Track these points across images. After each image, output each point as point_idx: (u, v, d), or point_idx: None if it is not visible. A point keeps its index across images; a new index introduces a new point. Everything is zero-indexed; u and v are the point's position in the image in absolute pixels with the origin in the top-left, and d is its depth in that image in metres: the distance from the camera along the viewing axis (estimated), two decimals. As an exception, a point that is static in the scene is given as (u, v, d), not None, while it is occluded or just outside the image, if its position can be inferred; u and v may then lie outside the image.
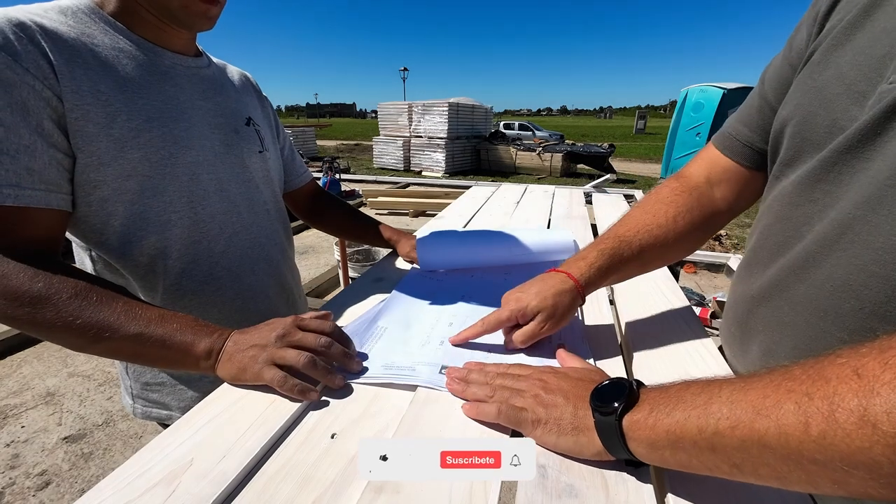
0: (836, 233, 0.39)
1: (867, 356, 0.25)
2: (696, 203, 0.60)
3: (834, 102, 0.41)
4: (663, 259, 0.63)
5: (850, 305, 0.38)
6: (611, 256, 0.57)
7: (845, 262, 0.38)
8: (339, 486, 0.36)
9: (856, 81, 0.40)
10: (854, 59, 0.40)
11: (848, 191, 0.39)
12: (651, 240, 0.58)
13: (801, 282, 0.43)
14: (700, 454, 0.31)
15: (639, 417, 0.34)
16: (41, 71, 0.49)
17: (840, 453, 0.24)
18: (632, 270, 0.61)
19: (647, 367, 0.53)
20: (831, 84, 0.42)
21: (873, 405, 0.23)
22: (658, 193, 0.62)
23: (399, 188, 7.76)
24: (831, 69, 0.42)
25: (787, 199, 0.46)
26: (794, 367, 0.28)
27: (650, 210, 0.60)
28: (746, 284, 0.52)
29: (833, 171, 0.40)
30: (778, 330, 0.46)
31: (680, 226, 0.58)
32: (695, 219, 0.59)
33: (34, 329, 0.48)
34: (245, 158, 0.71)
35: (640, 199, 0.65)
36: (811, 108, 0.44)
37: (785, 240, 0.46)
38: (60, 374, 2.33)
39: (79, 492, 1.62)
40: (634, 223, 0.59)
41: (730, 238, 4.98)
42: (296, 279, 0.88)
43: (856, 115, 0.39)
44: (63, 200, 0.53)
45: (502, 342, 0.57)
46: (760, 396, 0.28)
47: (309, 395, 0.46)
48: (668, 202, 0.60)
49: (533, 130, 19.01)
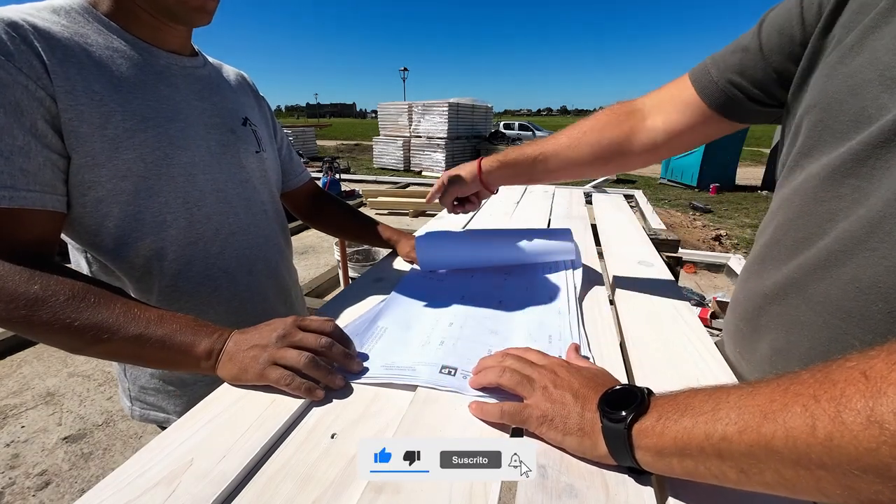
0: (865, 231, 0.37)
1: (875, 358, 0.25)
2: (615, 122, 0.64)
3: (864, 88, 0.38)
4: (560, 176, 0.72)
5: (877, 308, 0.36)
6: (504, 164, 0.73)
7: (874, 263, 0.36)
8: (339, 486, 0.36)
9: (890, 67, 0.36)
10: (891, 44, 0.37)
11: (879, 187, 0.36)
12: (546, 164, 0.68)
13: (822, 280, 0.41)
14: (707, 461, 0.30)
15: (647, 425, 0.34)
16: (34, 71, 0.48)
17: (847, 456, 0.23)
18: (527, 180, 0.76)
19: (647, 366, 0.53)
20: (863, 69, 0.38)
21: (880, 405, 0.22)
22: (598, 121, 0.67)
23: (399, 188, 7.76)
24: (865, 53, 0.39)
25: (809, 193, 0.44)
26: (802, 371, 0.28)
27: (572, 137, 0.67)
28: (759, 280, 0.50)
29: (866, 166, 0.38)
30: (793, 329, 0.44)
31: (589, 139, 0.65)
32: (603, 138, 0.64)
33: (31, 332, 0.47)
34: (242, 159, 0.71)
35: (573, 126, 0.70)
36: (838, 95, 0.40)
37: (807, 236, 0.44)
38: (60, 374, 2.33)
39: (79, 492, 1.62)
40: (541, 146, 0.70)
41: (730, 238, 4.98)
42: (294, 280, 0.88)
43: (886, 102, 0.36)
44: (58, 202, 0.52)
45: (505, 346, 0.57)
46: (768, 400, 0.28)
47: (315, 394, 0.46)
48: (594, 118, 0.67)
49: (533, 131, 19.00)
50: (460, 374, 0.50)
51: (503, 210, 1.36)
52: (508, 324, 0.63)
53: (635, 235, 1.11)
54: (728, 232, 5.20)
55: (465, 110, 10.79)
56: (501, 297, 0.70)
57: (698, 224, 5.70)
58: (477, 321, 0.63)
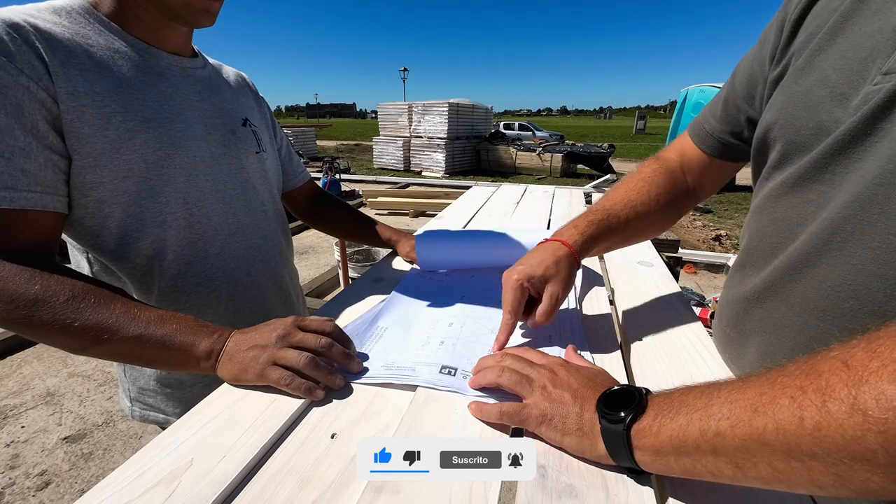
0: (828, 233, 0.39)
1: (856, 347, 0.25)
2: (672, 184, 0.66)
3: (818, 106, 0.42)
4: (644, 233, 0.69)
5: (849, 305, 0.38)
6: (599, 226, 0.61)
7: (842, 262, 0.38)
8: (339, 486, 0.36)
9: (838, 84, 0.40)
10: (836, 63, 0.41)
11: (840, 191, 0.39)
12: (634, 214, 0.63)
13: (797, 282, 0.43)
14: (703, 458, 0.30)
15: (644, 425, 0.34)
16: (35, 72, 0.48)
17: (836, 444, 0.24)
18: (617, 241, 0.65)
19: (647, 366, 0.53)
20: (815, 88, 0.42)
21: (862, 393, 0.23)
22: (640, 173, 0.67)
23: (399, 188, 7.76)
24: (815, 74, 0.43)
25: (781, 200, 0.46)
26: (789, 364, 0.29)
27: (634, 188, 0.65)
28: (740, 286, 0.52)
29: (827, 172, 0.40)
30: (775, 331, 0.46)
31: (661, 204, 0.64)
32: (670, 199, 0.65)
33: (32, 332, 0.47)
34: (242, 159, 0.71)
35: (624, 178, 0.70)
36: (795, 112, 0.44)
37: (779, 241, 0.46)
38: (60, 374, 2.33)
39: (79, 492, 1.62)
40: (620, 198, 0.64)
41: (730, 238, 4.98)
42: (294, 280, 0.88)
43: (839, 116, 0.39)
44: (59, 202, 0.52)
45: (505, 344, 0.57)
46: (757, 394, 0.28)
47: (315, 394, 0.46)
48: (650, 181, 0.65)
49: (533, 131, 19.01)
50: (460, 374, 0.50)
51: (503, 210, 1.36)
52: (508, 324, 0.63)
53: (635, 235, 1.10)
54: (728, 232, 5.20)
55: (465, 110, 10.79)
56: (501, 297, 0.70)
57: (698, 224, 5.70)
58: (477, 321, 0.63)
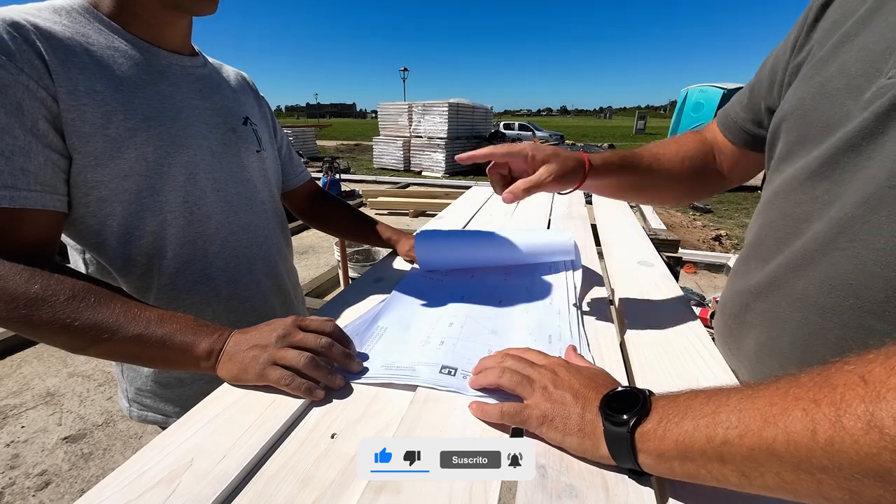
0: (835, 231, 0.39)
1: (873, 362, 0.25)
2: (704, 157, 0.66)
3: (833, 97, 0.41)
4: (664, 191, 0.69)
5: (849, 304, 0.38)
6: (620, 158, 0.62)
7: (845, 261, 0.38)
8: (339, 486, 0.36)
9: (856, 76, 0.39)
10: (858, 55, 0.40)
11: (848, 190, 0.38)
12: (658, 166, 0.64)
13: (800, 278, 0.43)
14: (708, 464, 0.30)
15: (648, 428, 0.34)
16: (36, 71, 0.48)
17: (849, 460, 0.23)
18: (632, 184, 0.66)
19: (647, 366, 0.53)
20: (834, 79, 0.41)
21: (880, 410, 0.23)
22: (678, 138, 0.69)
23: (399, 188, 7.76)
24: (836, 64, 0.42)
25: (789, 195, 0.46)
26: (801, 374, 0.28)
27: (666, 145, 0.67)
28: (744, 279, 0.52)
29: (838, 169, 0.40)
30: (774, 325, 0.46)
31: (686, 167, 0.65)
32: (699, 169, 0.65)
33: (32, 331, 0.47)
34: (242, 158, 0.71)
35: (663, 140, 0.72)
36: (811, 103, 0.43)
37: (785, 236, 0.46)
38: (60, 374, 2.33)
39: (79, 492, 1.62)
40: (650, 149, 0.66)
41: (730, 238, 4.98)
42: (293, 280, 0.88)
43: (850, 109, 0.39)
44: (59, 201, 0.52)
45: (505, 346, 0.57)
46: (768, 404, 0.28)
47: (315, 394, 0.46)
48: (683, 144, 0.67)
49: (533, 131, 19.01)
50: (460, 375, 0.50)
51: (503, 210, 1.36)
52: (508, 324, 0.63)
53: (635, 235, 1.11)
54: (728, 232, 5.20)
55: (465, 110, 10.78)
56: (501, 297, 0.70)
57: (698, 224, 5.70)
58: (477, 321, 0.63)
